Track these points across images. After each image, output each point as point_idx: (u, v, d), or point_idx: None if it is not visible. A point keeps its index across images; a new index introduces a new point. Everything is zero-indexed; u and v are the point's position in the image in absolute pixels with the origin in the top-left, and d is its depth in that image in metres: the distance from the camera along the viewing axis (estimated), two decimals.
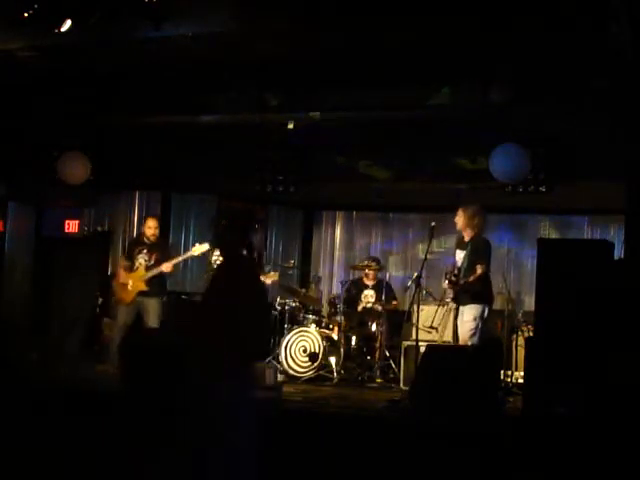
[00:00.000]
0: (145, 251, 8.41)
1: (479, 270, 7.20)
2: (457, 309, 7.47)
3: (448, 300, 7.99)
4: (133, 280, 8.30)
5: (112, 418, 5.23)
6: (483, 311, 7.22)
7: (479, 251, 7.31)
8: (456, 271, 7.37)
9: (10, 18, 6.69)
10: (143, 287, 8.27)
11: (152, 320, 8.20)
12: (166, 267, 8.19)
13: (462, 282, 7.24)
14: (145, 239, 8.51)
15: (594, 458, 4.98)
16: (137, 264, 8.37)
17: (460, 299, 7.35)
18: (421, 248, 10.62)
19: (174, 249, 9.51)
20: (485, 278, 7.30)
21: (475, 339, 7.13)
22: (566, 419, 5.44)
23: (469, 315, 7.17)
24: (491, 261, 7.47)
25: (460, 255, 7.47)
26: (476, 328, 7.14)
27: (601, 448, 5.03)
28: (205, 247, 8.17)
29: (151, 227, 8.50)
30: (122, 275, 8.44)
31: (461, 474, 5.09)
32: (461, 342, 7.20)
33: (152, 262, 8.33)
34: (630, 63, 6.51)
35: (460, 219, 7.46)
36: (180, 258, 8.61)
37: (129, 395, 4.98)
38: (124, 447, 4.80)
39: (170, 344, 5.05)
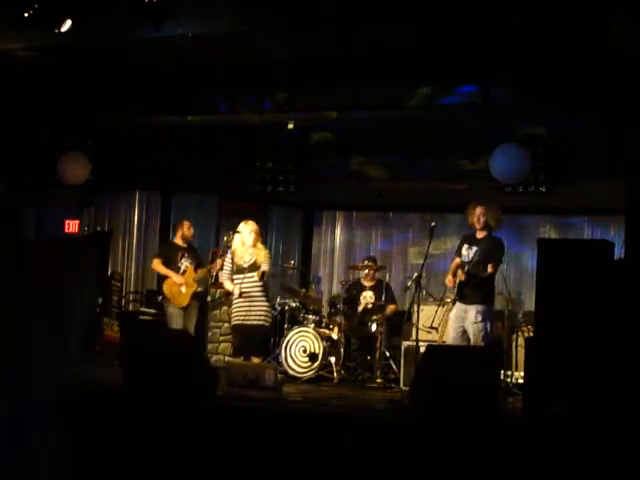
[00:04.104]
0: (186, 255, 8.52)
1: (490, 269, 7.16)
2: (453, 306, 7.36)
3: (449, 300, 7.97)
4: (186, 283, 8.39)
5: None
6: (491, 311, 7.21)
7: (494, 250, 7.22)
8: (466, 267, 7.25)
9: (10, 18, 6.70)
10: (197, 288, 8.44)
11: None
12: (219, 264, 8.10)
13: (473, 273, 7.13)
14: (181, 242, 8.63)
15: (593, 458, 4.98)
16: (183, 267, 8.46)
17: (467, 298, 7.23)
18: (421, 248, 10.61)
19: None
20: (493, 278, 7.26)
21: (487, 340, 7.10)
22: (566, 419, 5.43)
23: (479, 316, 7.12)
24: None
25: (470, 251, 7.35)
26: (487, 329, 7.12)
27: (600, 448, 5.02)
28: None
29: (190, 228, 8.64)
30: (176, 279, 8.41)
31: (461, 474, 5.09)
32: (473, 342, 7.13)
33: (196, 264, 8.49)
34: (630, 62, 6.51)
35: (483, 217, 7.32)
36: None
37: None
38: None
39: None
